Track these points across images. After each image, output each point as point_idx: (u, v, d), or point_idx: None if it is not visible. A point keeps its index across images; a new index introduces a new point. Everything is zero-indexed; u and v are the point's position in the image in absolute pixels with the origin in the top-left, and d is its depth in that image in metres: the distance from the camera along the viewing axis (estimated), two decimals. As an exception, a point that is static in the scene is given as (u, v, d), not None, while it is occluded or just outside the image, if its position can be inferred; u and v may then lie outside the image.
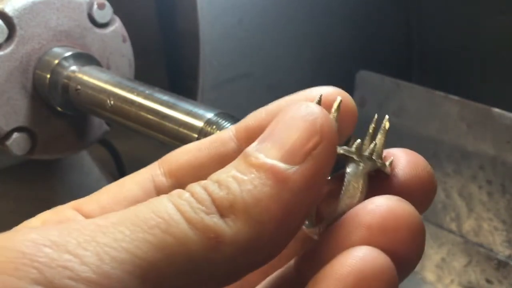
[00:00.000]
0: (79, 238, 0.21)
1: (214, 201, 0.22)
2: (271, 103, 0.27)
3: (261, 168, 0.22)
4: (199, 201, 0.22)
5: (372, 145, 0.24)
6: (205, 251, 0.22)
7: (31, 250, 0.21)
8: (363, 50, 0.78)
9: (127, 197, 0.27)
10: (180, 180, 0.28)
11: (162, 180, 0.28)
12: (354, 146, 0.24)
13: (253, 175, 0.22)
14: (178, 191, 0.23)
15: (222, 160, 0.26)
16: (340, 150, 0.24)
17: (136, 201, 0.26)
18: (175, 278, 0.22)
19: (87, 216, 0.27)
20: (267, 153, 0.22)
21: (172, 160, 0.28)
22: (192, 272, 0.22)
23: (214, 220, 0.22)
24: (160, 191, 0.27)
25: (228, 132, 0.27)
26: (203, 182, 0.23)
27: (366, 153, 0.24)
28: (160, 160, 0.28)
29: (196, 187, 0.23)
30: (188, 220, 0.22)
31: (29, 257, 0.20)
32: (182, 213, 0.22)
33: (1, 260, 0.20)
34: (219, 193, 0.22)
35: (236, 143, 0.27)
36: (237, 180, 0.22)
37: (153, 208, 0.22)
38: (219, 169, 0.24)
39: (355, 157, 0.24)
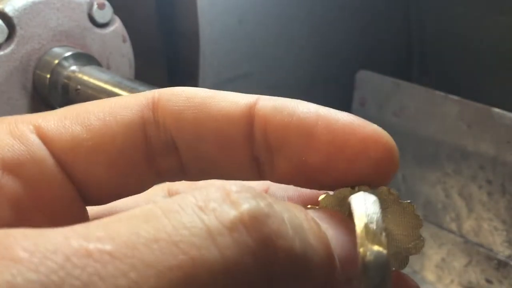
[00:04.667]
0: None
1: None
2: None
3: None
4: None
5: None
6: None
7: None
8: (363, 50, 0.78)
9: (108, 142, 0.23)
10: (177, 137, 0.23)
11: (155, 131, 0.23)
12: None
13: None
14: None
15: (227, 131, 0.23)
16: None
17: (119, 150, 0.22)
18: None
19: (54, 147, 0.22)
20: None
21: (171, 111, 0.23)
22: None
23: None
24: (151, 143, 0.23)
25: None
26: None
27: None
28: (153, 102, 0.23)
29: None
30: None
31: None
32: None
33: None
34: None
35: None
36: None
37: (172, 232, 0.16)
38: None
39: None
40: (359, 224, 0.19)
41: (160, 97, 0.23)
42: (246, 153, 0.23)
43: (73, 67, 0.54)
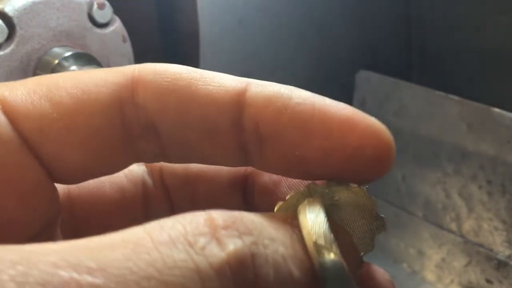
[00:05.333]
0: None
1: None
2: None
3: None
4: None
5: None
6: None
7: None
8: (363, 50, 0.78)
9: (81, 122, 0.21)
10: (159, 120, 0.22)
11: (134, 113, 0.22)
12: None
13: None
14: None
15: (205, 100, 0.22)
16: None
17: (93, 132, 0.21)
18: None
19: (21, 127, 0.21)
20: None
21: (153, 92, 0.22)
22: None
23: None
24: (129, 125, 0.22)
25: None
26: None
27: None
28: (132, 81, 0.22)
29: None
30: None
31: None
32: None
33: None
34: None
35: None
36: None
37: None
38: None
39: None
40: (309, 243, 0.19)
41: (140, 76, 0.22)
42: (234, 141, 0.22)
43: (73, 67, 0.54)
